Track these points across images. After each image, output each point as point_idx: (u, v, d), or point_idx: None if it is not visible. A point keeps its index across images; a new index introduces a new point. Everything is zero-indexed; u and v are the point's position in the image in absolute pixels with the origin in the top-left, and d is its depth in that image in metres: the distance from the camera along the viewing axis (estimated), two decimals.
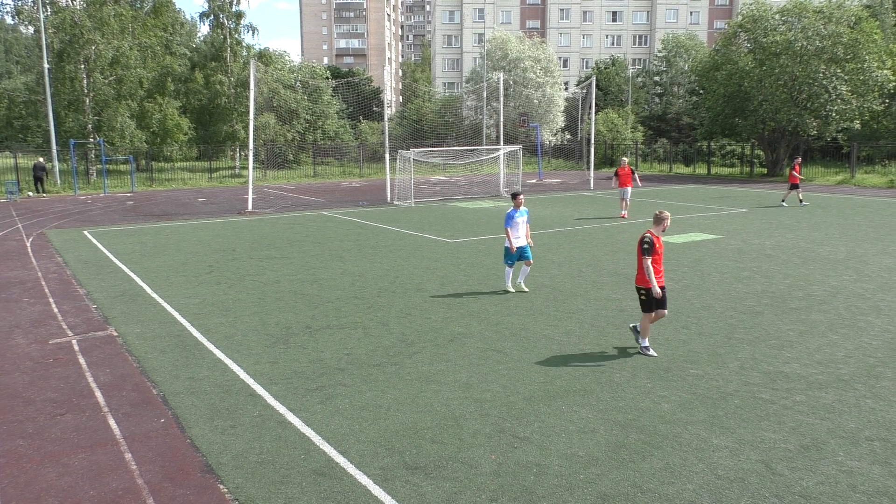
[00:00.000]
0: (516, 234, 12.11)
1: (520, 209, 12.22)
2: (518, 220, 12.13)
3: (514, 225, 12.10)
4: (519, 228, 12.14)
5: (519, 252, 12.19)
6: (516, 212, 12.14)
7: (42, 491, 5.70)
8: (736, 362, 8.55)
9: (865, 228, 20.10)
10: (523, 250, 12.21)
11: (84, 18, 38.11)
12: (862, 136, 43.13)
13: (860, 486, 5.58)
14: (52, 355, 9.25)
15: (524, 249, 12.22)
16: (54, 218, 25.41)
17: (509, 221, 12.13)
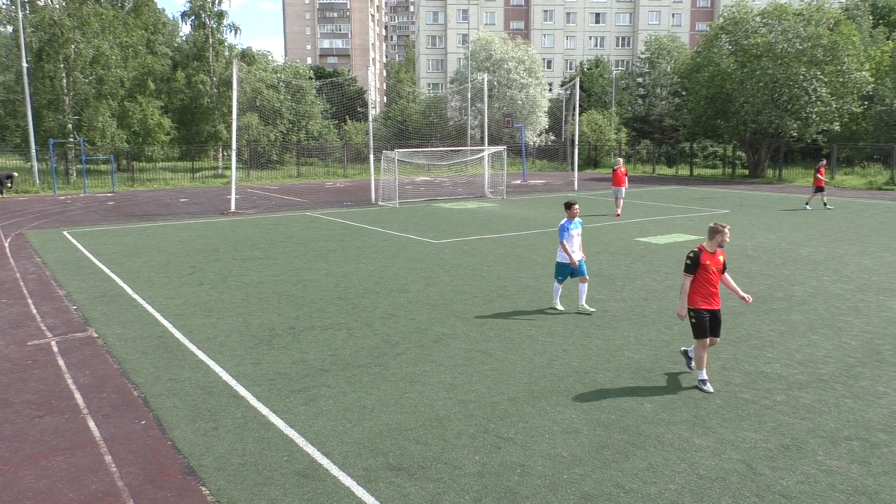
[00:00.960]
0: (572, 248, 11.00)
1: (574, 220, 11.11)
2: (573, 232, 11.05)
3: (570, 238, 11.01)
4: (574, 241, 11.07)
5: (569, 268, 11.03)
6: (571, 223, 11.04)
7: (20, 493, 5.63)
8: (718, 362, 8.62)
9: (845, 229, 20.33)
10: (578, 266, 11.04)
11: (63, 17, 37.70)
12: (841, 137, 43.67)
13: (839, 486, 5.64)
14: (31, 357, 9.14)
15: (579, 265, 11.05)
16: (33, 218, 25.11)
17: (564, 233, 10.99)
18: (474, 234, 19.93)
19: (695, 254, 7.70)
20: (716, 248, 7.77)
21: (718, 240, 7.73)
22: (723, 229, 7.72)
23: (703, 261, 7.67)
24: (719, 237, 7.72)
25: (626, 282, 13.29)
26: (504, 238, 19.03)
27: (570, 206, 11.15)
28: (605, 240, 18.52)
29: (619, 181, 24.44)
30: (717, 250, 7.79)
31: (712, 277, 7.71)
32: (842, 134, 43.03)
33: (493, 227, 21.27)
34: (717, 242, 7.75)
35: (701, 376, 7.73)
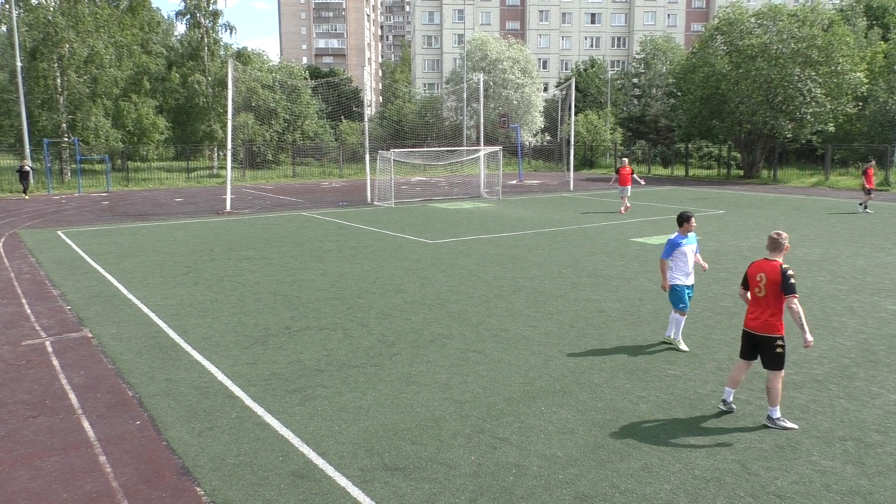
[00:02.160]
0: (686, 270, 9.06)
1: (688, 235, 9.18)
2: (686, 248, 9.08)
3: (679, 256, 9.07)
4: (688, 261, 9.11)
5: (689, 290, 9.14)
6: (683, 238, 9.11)
7: (14, 494, 5.61)
8: (713, 363, 8.63)
9: (839, 230, 20.39)
10: (690, 290, 9.17)
11: (57, 16, 37.57)
12: (836, 138, 43.78)
13: (834, 486, 5.66)
14: (25, 357, 9.10)
15: (691, 288, 9.19)
16: (27, 218, 25.03)
17: (671, 251, 9.08)
18: (470, 234, 19.93)
19: (787, 271, 6.67)
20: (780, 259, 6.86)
21: (784, 250, 6.91)
22: (785, 238, 6.96)
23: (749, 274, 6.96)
24: (783, 248, 6.90)
25: (622, 282, 13.31)
26: (500, 238, 19.03)
27: (688, 219, 9.14)
28: (601, 240, 18.54)
29: (625, 180, 25.41)
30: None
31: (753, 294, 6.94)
32: (836, 135, 43.14)
33: (488, 228, 21.27)
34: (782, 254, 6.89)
35: (774, 414, 6.80)
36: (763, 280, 6.75)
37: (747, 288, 7.03)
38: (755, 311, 6.83)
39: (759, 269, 6.83)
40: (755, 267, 6.91)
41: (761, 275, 6.79)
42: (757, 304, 6.82)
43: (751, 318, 6.87)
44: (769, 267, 6.77)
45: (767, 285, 6.71)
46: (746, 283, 7.01)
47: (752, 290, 6.88)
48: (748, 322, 6.89)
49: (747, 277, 6.98)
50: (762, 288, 6.76)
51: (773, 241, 6.91)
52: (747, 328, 6.90)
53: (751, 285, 6.91)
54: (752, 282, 6.89)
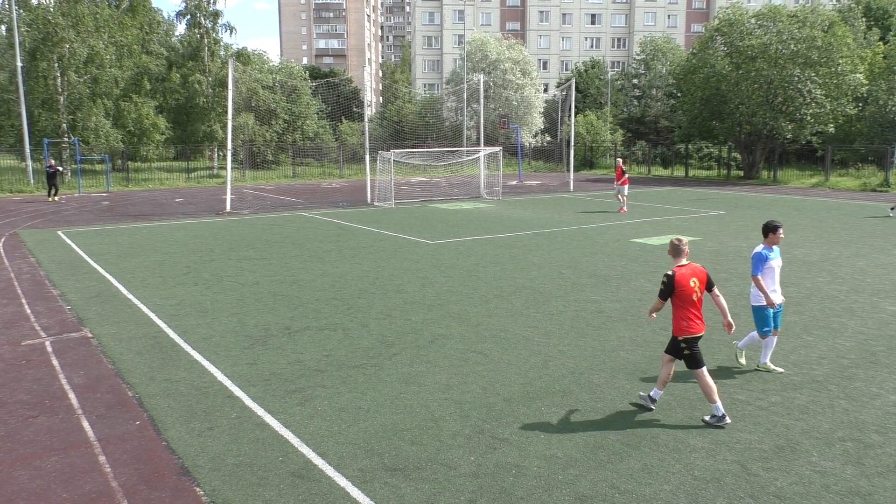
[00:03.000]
0: (773, 287, 8.26)
1: (774, 248, 8.37)
2: (773, 263, 8.25)
3: (766, 272, 8.21)
4: (775, 277, 8.32)
5: (773, 310, 8.30)
6: (770, 251, 8.28)
7: (14, 494, 5.61)
8: (713, 363, 8.63)
9: (839, 231, 20.40)
10: (778, 309, 8.34)
11: (57, 16, 37.57)
12: (836, 139, 43.78)
13: (833, 487, 5.66)
14: (25, 357, 9.11)
15: (778, 309, 8.35)
16: (27, 218, 25.03)
17: (760, 266, 8.18)
18: (470, 234, 19.93)
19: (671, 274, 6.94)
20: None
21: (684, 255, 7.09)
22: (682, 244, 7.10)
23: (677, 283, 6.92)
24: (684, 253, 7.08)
25: (622, 283, 13.31)
26: (500, 239, 19.04)
27: (775, 230, 8.31)
28: (601, 241, 18.55)
29: (623, 180, 26.10)
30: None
31: (686, 303, 6.99)
32: (836, 135, 43.15)
33: (488, 228, 21.27)
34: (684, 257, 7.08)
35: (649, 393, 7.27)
36: (697, 284, 6.91)
37: (667, 298, 6.96)
38: (697, 315, 6.94)
39: (691, 276, 6.92)
40: (684, 277, 6.89)
41: (694, 280, 6.91)
42: (695, 307, 6.93)
43: (697, 322, 6.93)
44: (696, 270, 6.97)
45: (701, 287, 6.95)
46: (670, 293, 6.91)
47: (690, 297, 6.88)
48: (695, 327, 6.91)
49: (679, 287, 6.86)
50: (698, 292, 6.92)
51: (677, 248, 7.04)
52: (696, 333, 6.92)
53: (688, 293, 6.87)
54: (688, 290, 6.87)
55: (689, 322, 6.90)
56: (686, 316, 6.90)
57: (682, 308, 6.91)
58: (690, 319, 6.90)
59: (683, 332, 6.91)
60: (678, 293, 6.87)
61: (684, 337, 6.92)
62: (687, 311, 6.90)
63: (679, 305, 6.92)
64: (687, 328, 6.90)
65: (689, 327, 6.90)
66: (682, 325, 6.92)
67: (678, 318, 6.94)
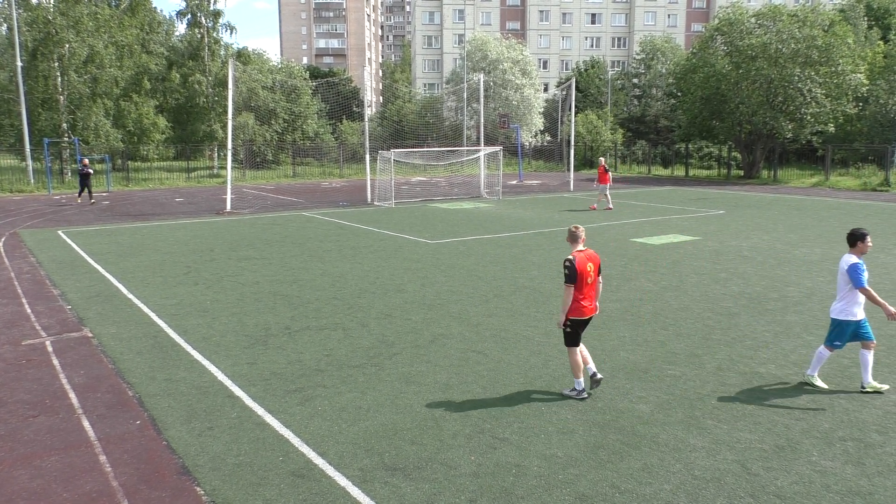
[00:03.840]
0: (859, 300, 7.76)
1: (861, 257, 7.86)
2: (865, 275, 7.77)
3: (843, 279, 7.79)
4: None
5: (855, 327, 7.73)
6: (862, 262, 7.82)
7: (14, 493, 5.61)
8: (713, 363, 8.63)
9: (840, 230, 20.38)
10: (862, 325, 7.75)
11: (56, 16, 37.58)
12: (836, 138, 43.78)
13: (833, 486, 5.66)
14: (25, 356, 9.11)
15: (863, 323, 7.76)
16: (28, 217, 25.03)
17: (862, 275, 7.68)
18: (470, 234, 19.93)
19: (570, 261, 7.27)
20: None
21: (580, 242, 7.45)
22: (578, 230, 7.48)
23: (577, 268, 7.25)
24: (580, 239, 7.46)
25: (622, 282, 13.31)
26: (500, 238, 19.04)
27: (863, 238, 7.94)
28: (601, 240, 18.54)
29: (604, 178, 26.80)
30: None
31: (581, 286, 7.34)
32: (836, 135, 43.15)
33: (489, 228, 21.27)
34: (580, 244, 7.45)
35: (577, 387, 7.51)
36: (592, 269, 7.37)
37: (574, 282, 7.23)
38: (589, 298, 7.38)
39: (587, 261, 7.33)
40: (582, 261, 7.26)
41: (590, 265, 7.35)
42: (589, 290, 7.37)
43: (588, 305, 7.36)
44: (591, 256, 7.42)
45: (595, 272, 7.42)
46: (575, 278, 7.21)
47: (585, 280, 7.27)
48: (586, 310, 7.34)
49: (579, 273, 7.20)
50: (593, 275, 7.38)
51: (574, 235, 7.48)
52: (587, 315, 7.37)
53: (584, 276, 7.25)
54: (584, 274, 7.25)
55: (579, 304, 7.30)
56: (578, 297, 7.28)
57: (578, 291, 7.27)
58: (581, 301, 7.30)
59: (574, 313, 7.32)
60: (578, 279, 7.24)
61: (573, 318, 7.33)
62: (580, 293, 7.29)
63: (576, 288, 7.27)
64: (577, 309, 7.30)
65: (579, 308, 7.31)
66: (574, 305, 7.29)
67: (574, 300, 7.29)
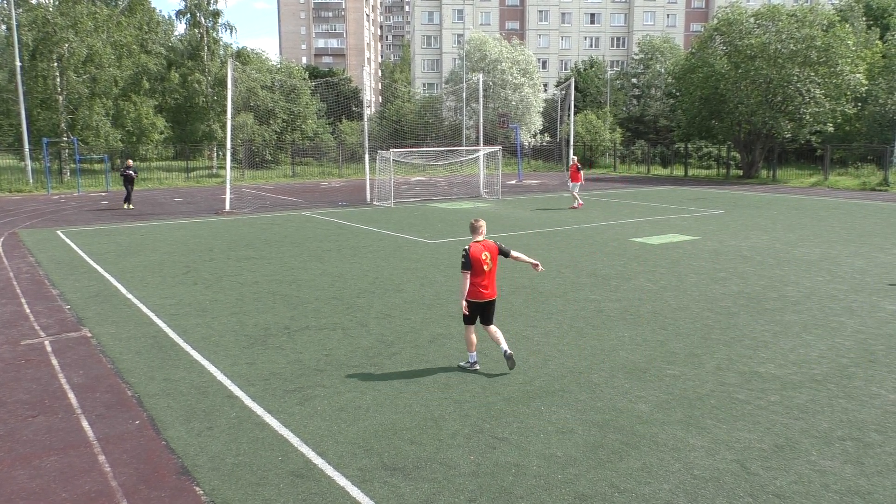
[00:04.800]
0: None
1: None
2: None
3: None
4: None
5: None
6: None
7: (13, 493, 5.60)
8: (712, 363, 8.64)
9: (839, 230, 20.40)
10: None
11: (56, 16, 37.56)
12: (835, 138, 43.79)
13: (833, 486, 5.66)
14: (24, 356, 9.10)
15: None
16: (27, 217, 25.02)
17: None
18: (469, 234, 19.90)
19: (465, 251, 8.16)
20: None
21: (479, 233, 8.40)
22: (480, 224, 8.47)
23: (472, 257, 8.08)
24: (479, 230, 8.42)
25: (621, 282, 13.31)
26: (499, 238, 19.03)
27: None
28: (601, 240, 18.55)
29: (575, 177, 27.24)
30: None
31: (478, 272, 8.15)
32: (835, 135, 43.16)
33: (488, 228, 21.22)
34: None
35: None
36: (488, 257, 8.13)
37: (470, 269, 8.04)
38: (485, 284, 8.14)
39: (482, 250, 8.13)
40: (477, 251, 8.09)
41: (486, 254, 8.13)
42: (486, 277, 8.13)
43: (485, 290, 8.14)
44: (487, 245, 8.21)
45: (492, 259, 8.17)
46: (471, 265, 8.02)
47: (480, 269, 8.05)
48: (483, 293, 8.13)
49: (473, 261, 8.02)
50: (489, 263, 8.13)
51: (473, 227, 8.49)
52: (482, 299, 8.14)
53: (480, 264, 8.05)
54: (479, 262, 8.05)
55: (477, 289, 8.11)
56: (475, 282, 8.09)
57: (475, 277, 8.09)
58: (477, 286, 8.10)
59: (472, 297, 8.13)
60: (472, 265, 8.04)
61: (470, 300, 8.13)
62: (477, 279, 8.08)
63: (473, 275, 8.08)
64: (474, 293, 8.12)
65: (475, 292, 8.12)
66: (471, 290, 8.11)
67: (471, 285, 8.09)
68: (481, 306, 8.23)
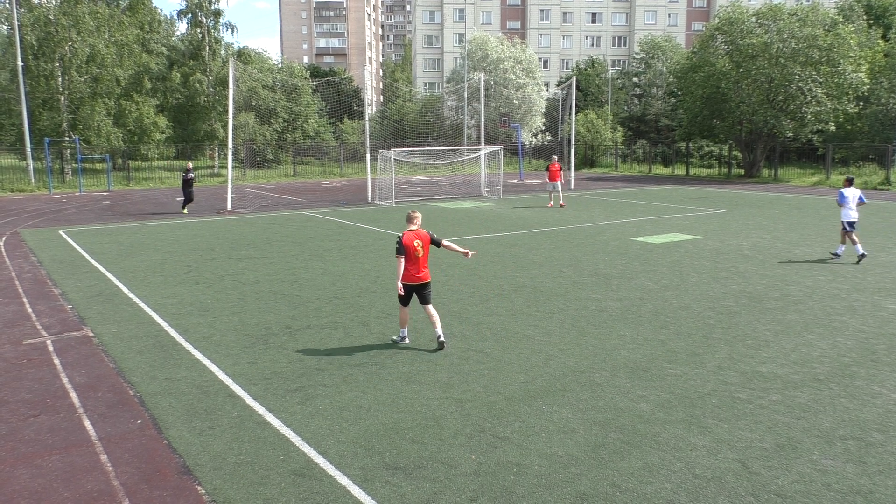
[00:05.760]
0: None
1: None
2: None
3: None
4: None
5: None
6: None
7: (15, 493, 5.61)
8: (714, 362, 8.63)
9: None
10: None
11: (59, 16, 37.58)
12: (836, 137, 43.74)
13: (834, 485, 5.66)
14: (26, 356, 9.11)
15: None
16: (28, 217, 25.04)
17: None
18: (471, 233, 19.92)
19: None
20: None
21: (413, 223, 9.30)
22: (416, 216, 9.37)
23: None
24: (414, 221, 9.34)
25: (623, 281, 13.31)
26: (500, 237, 19.03)
27: None
28: (602, 239, 18.54)
29: (554, 176, 27.24)
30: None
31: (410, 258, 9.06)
32: (837, 134, 43.11)
33: (489, 227, 21.27)
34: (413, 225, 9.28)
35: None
36: (420, 244, 9.03)
37: (403, 254, 8.95)
38: (417, 268, 9.04)
39: (414, 238, 9.05)
40: (409, 238, 9.02)
41: (417, 241, 9.04)
42: (417, 262, 9.02)
43: (415, 274, 9.04)
44: (420, 234, 9.12)
45: (424, 247, 9.07)
46: (403, 251, 8.95)
47: (412, 255, 8.95)
48: (414, 277, 9.03)
49: (406, 247, 8.94)
50: (421, 250, 9.03)
51: (409, 217, 9.40)
52: (414, 282, 9.05)
53: (411, 251, 8.95)
54: (411, 248, 8.96)
55: (409, 272, 9.02)
56: (408, 267, 9.00)
57: (408, 262, 8.99)
58: (410, 270, 9.00)
59: (406, 279, 9.03)
60: (405, 251, 8.95)
61: (404, 283, 9.02)
62: (409, 264, 9.00)
63: (407, 260, 8.97)
64: (408, 276, 9.02)
65: (409, 275, 9.03)
66: (406, 273, 9.00)
67: (405, 269, 9.00)
68: (414, 288, 9.13)
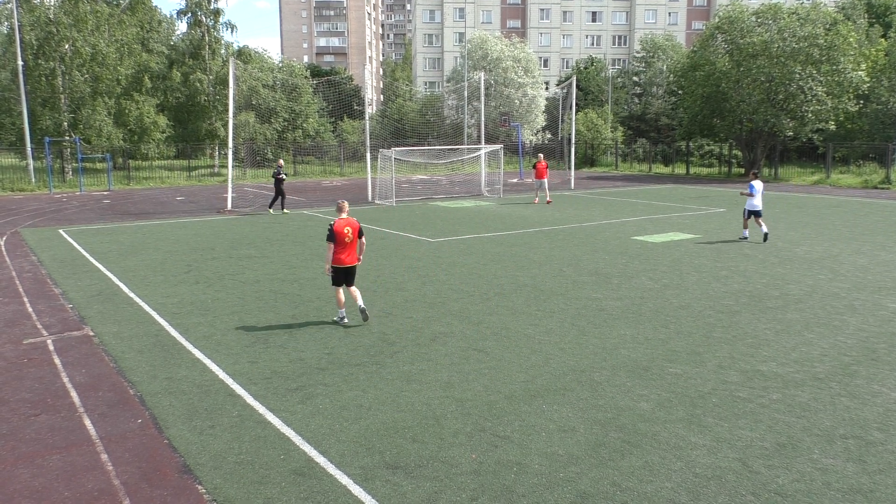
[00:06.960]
0: None
1: None
2: None
3: None
4: None
5: None
6: None
7: (15, 492, 5.62)
8: (714, 361, 8.63)
9: (840, 228, 20.38)
10: None
11: (60, 16, 37.58)
12: (837, 136, 43.71)
13: (835, 484, 5.66)
14: (27, 355, 9.12)
15: None
16: (29, 216, 25.05)
17: None
18: (471, 232, 19.92)
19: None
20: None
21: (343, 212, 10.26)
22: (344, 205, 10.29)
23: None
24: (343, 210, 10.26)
25: (623, 280, 13.31)
26: (501, 237, 19.03)
27: None
28: (602, 238, 18.54)
29: (541, 174, 27.90)
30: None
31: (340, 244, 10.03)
32: (837, 133, 43.07)
33: (489, 226, 21.27)
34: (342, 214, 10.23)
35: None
36: (350, 231, 10.03)
37: (334, 241, 9.92)
38: (347, 253, 10.09)
39: (345, 225, 10.00)
40: (340, 226, 9.95)
41: (348, 228, 10.02)
42: (347, 247, 10.06)
43: (346, 258, 10.08)
44: (350, 223, 10.09)
45: (353, 234, 10.08)
46: (334, 237, 9.90)
47: (342, 241, 9.95)
48: (344, 260, 10.07)
49: (336, 234, 9.88)
50: (350, 236, 10.05)
51: (338, 206, 10.29)
52: (344, 265, 10.09)
53: (341, 237, 9.93)
54: (341, 234, 9.93)
55: (339, 256, 10.03)
56: (338, 251, 10.00)
57: (338, 247, 10.00)
58: (340, 254, 10.02)
59: (336, 263, 10.05)
60: (336, 238, 9.91)
61: (335, 266, 10.05)
62: (339, 248, 10.00)
63: (337, 245, 9.97)
64: (337, 260, 10.03)
65: (338, 259, 10.04)
66: (336, 258, 10.01)
67: (335, 254, 10.00)
68: (344, 271, 10.15)
